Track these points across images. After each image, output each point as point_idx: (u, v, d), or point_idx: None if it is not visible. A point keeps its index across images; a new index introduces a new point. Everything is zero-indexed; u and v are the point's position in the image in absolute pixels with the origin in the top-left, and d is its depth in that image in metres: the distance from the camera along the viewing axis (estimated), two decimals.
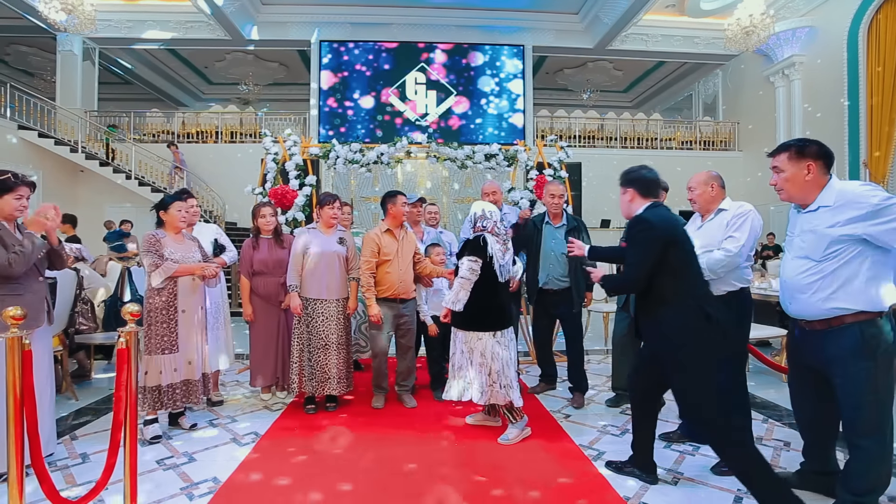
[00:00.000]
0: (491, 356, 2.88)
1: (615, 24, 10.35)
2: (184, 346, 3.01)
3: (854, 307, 1.86)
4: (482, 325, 2.90)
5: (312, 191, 5.20)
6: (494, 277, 2.89)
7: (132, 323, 2.03)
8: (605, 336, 6.00)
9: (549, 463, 2.63)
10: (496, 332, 2.91)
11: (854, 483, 1.93)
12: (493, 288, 2.90)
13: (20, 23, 10.41)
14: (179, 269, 2.97)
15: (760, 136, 11.04)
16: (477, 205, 3.06)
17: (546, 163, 5.33)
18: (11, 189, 2.51)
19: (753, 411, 3.19)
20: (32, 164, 9.75)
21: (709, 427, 2.08)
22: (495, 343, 2.89)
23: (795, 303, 2.02)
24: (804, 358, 2.12)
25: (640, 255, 2.15)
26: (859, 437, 1.91)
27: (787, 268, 2.07)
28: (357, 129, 11.07)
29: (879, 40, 8.27)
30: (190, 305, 3.05)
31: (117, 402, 1.94)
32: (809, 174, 1.96)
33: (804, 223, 1.99)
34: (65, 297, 3.73)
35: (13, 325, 1.68)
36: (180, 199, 3.15)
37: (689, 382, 2.11)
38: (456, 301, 2.87)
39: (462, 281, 2.87)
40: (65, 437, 2.98)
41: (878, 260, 1.86)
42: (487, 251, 2.86)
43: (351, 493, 2.31)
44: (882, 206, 1.79)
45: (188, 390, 3.03)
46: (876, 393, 1.87)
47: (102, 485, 1.91)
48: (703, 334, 2.07)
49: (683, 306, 2.09)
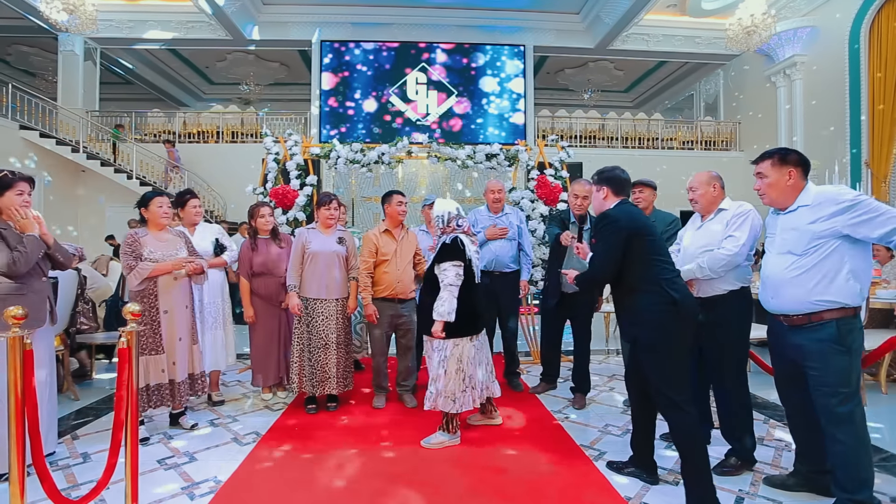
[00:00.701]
0: (468, 362, 2.81)
1: (616, 23, 10.34)
2: (168, 347, 2.97)
3: (834, 302, 1.99)
4: (461, 331, 2.79)
5: (313, 191, 5.20)
6: (472, 279, 2.83)
7: (133, 322, 2.03)
8: (605, 336, 6.00)
9: (550, 463, 2.62)
10: (473, 337, 2.85)
11: (843, 481, 2.01)
12: (471, 291, 2.82)
13: (22, 23, 10.42)
14: (154, 270, 2.88)
15: (762, 136, 11.02)
16: (443, 204, 2.92)
17: (547, 163, 5.32)
18: (11, 185, 2.50)
19: (756, 412, 3.18)
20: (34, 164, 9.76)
21: (674, 409, 2.15)
22: (472, 347, 2.83)
23: (777, 298, 2.13)
24: (785, 353, 2.22)
25: (606, 247, 2.27)
26: (835, 429, 2.01)
27: (769, 265, 2.19)
28: (358, 129, 11.08)
29: (881, 40, 8.25)
30: (173, 305, 2.98)
31: (118, 401, 1.94)
32: (790, 180, 2.11)
33: (785, 223, 2.14)
34: (66, 297, 3.73)
35: (14, 324, 1.68)
36: (160, 195, 3.07)
37: (658, 363, 2.19)
38: (450, 311, 2.72)
39: (452, 289, 2.73)
40: (66, 437, 2.98)
41: (856, 256, 2.00)
42: (466, 253, 2.79)
43: (351, 493, 2.31)
44: (856, 201, 1.96)
45: (173, 391, 2.99)
46: (849, 386, 1.99)
47: (103, 484, 1.91)
48: (669, 316, 2.15)
49: (650, 292, 2.20)
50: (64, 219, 10.30)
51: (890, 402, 3.64)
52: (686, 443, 2.14)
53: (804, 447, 2.30)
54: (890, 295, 3.86)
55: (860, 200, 1.96)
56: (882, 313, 4.11)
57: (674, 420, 2.18)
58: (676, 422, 2.17)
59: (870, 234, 1.95)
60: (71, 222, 10.58)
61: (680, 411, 2.15)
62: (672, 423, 2.19)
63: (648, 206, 3.40)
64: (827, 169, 7.58)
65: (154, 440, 2.93)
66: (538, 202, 5.13)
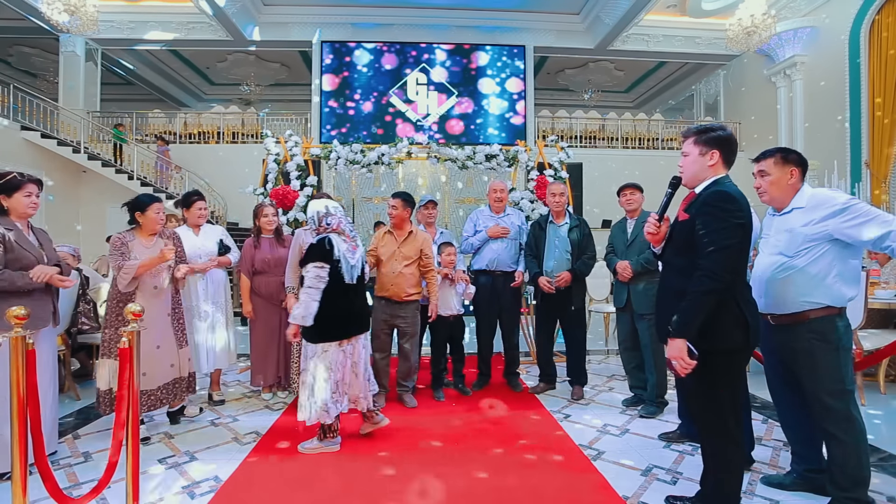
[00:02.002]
0: (337, 367, 2.70)
1: (616, 24, 10.35)
2: (140, 356, 2.87)
3: (821, 302, 2.03)
4: (328, 335, 2.68)
5: (313, 191, 5.22)
6: (342, 281, 2.70)
7: (135, 322, 2.04)
8: (605, 336, 6.01)
9: (549, 463, 2.64)
10: (343, 342, 2.72)
11: (839, 478, 2.03)
12: (341, 293, 2.69)
13: (23, 24, 10.44)
14: (140, 266, 2.78)
15: (762, 136, 11.03)
16: (314, 204, 2.83)
17: (547, 163, 5.33)
18: (19, 187, 2.52)
19: (755, 412, 3.20)
20: (35, 164, 9.79)
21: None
22: (340, 352, 2.72)
23: (766, 297, 2.15)
24: (774, 354, 2.25)
25: (726, 238, 1.82)
26: (831, 427, 2.03)
27: (760, 264, 2.22)
28: (359, 129, 11.09)
29: (881, 40, 8.25)
30: (150, 314, 2.77)
31: (119, 400, 1.96)
32: (792, 178, 2.13)
33: (780, 224, 2.17)
34: (68, 297, 3.75)
35: (17, 324, 1.69)
36: (159, 201, 2.99)
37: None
38: (306, 315, 2.59)
39: (310, 291, 2.60)
40: (67, 437, 3.00)
41: (845, 260, 2.04)
42: (334, 254, 2.66)
43: (351, 492, 2.32)
44: (848, 205, 1.99)
45: (142, 401, 2.82)
46: (842, 383, 2.02)
47: (105, 483, 1.92)
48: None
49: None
50: (65, 219, 10.32)
51: (888, 401, 3.65)
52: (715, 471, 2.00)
53: (799, 446, 2.31)
54: (888, 295, 3.87)
55: (852, 204, 1.99)
56: (881, 313, 4.12)
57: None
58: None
59: (860, 238, 1.98)
60: (72, 222, 10.60)
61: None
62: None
63: (638, 209, 3.47)
64: (826, 169, 7.59)
65: (154, 440, 2.94)
66: (538, 203, 5.14)
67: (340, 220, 2.80)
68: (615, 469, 2.56)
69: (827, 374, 2.03)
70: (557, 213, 3.81)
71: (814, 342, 2.04)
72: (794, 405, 2.25)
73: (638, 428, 3.15)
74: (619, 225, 3.61)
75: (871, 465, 2.57)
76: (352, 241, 2.82)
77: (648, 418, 3.30)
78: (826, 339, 2.03)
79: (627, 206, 3.51)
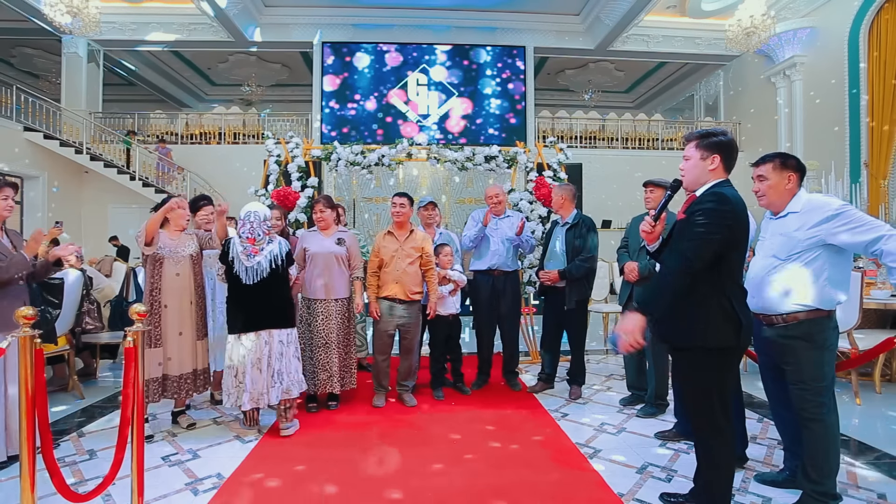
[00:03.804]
0: (238, 360, 2.95)
1: (616, 24, 10.37)
2: (165, 342, 3.01)
3: (811, 305, 2.08)
4: (230, 328, 3.04)
5: (314, 192, 5.25)
6: (239, 280, 2.97)
7: (139, 322, 2.08)
8: (604, 336, 6.04)
9: (547, 461, 2.68)
10: (241, 335, 2.97)
11: (810, 471, 2.10)
12: (240, 290, 2.98)
13: (25, 25, 10.49)
14: (151, 220, 2.99)
15: (762, 137, 11.05)
16: (247, 206, 3.10)
17: (546, 164, 5.37)
18: None
19: (750, 411, 3.23)
20: (38, 165, 9.85)
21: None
22: (240, 346, 2.96)
23: (758, 298, 2.20)
24: (765, 351, 2.31)
25: (707, 230, 1.87)
26: (805, 416, 2.10)
27: (755, 266, 2.27)
28: (360, 130, 11.13)
29: (880, 41, 8.27)
30: (173, 301, 3.04)
31: (125, 399, 2.00)
32: (789, 183, 2.18)
33: (776, 228, 2.22)
34: (72, 298, 3.79)
35: (24, 324, 1.73)
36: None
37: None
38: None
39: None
40: (72, 434, 3.05)
41: (837, 265, 2.09)
42: (229, 255, 2.98)
43: (351, 491, 2.36)
44: (840, 211, 2.04)
45: (166, 386, 3.02)
46: (823, 380, 2.09)
47: (110, 480, 1.96)
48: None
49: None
50: (67, 219, 10.36)
51: (883, 400, 3.68)
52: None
53: (791, 442, 2.35)
54: (884, 295, 3.90)
55: (844, 210, 2.03)
56: (877, 313, 4.15)
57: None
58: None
59: (852, 243, 2.02)
60: (74, 223, 10.65)
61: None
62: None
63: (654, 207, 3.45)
64: (825, 169, 7.61)
65: (158, 438, 2.99)
66: (537, 203, 5.17)
67: (253, 225, 2.99)
68: (611, 467, 2.60)
69: (808, 369, 2.10)
70: (560, 214, 3.87)
71: (801, 342, 2.10)
72: (785, 401, 2.29)
73: (634, 427, 3.19)
74: (639, 220, 3.47)
75: (867, 463, 2.63)
76: (255, 246, 2.98)
77: (647, 418, 3.33)
78: (813, 340, 2.09)
79: (647, 204, 3.39)
